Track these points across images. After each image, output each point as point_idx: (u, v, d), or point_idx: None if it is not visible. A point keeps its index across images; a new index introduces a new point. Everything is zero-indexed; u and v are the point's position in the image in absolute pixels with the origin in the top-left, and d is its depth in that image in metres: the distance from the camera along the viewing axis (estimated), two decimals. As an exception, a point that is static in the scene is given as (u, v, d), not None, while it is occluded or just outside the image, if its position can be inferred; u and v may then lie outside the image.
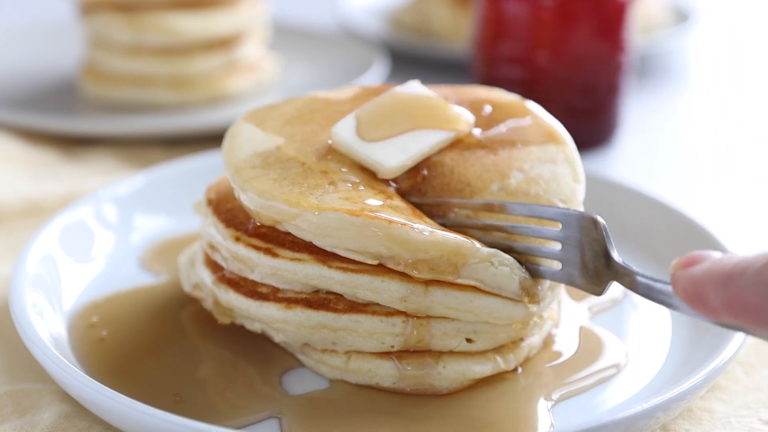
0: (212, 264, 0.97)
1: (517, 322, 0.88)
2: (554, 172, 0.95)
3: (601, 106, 1.49)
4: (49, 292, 1.00)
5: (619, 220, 1.17)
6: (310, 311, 0.89)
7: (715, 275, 0.68)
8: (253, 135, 0.97)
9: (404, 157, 0.91)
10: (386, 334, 0.88)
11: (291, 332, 0.90)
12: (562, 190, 0.93)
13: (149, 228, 1.17)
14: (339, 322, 0.89)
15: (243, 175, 0.91)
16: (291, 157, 0.93)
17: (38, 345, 0.87)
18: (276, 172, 0.91)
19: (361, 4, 2.15)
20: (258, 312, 0.91)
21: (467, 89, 1.07)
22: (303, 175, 0.90)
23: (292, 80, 1.75)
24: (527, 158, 0.95)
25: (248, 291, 0.92)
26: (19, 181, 1.35)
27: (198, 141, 1.53)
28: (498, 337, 0.89)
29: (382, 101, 0.97)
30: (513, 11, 1.44)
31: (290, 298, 0.90)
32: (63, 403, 0.89)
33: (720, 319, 0.70)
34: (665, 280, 0.78)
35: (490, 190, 0.92)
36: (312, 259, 0.88)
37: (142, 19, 1.58)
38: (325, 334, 0.89)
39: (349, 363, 0.90)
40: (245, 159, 0.93)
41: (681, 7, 2.09)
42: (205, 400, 0.88)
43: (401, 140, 0.93)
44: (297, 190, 0.87)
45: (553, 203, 0.92)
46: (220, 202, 0.98)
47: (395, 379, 0.89)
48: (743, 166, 1.53)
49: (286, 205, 0.86)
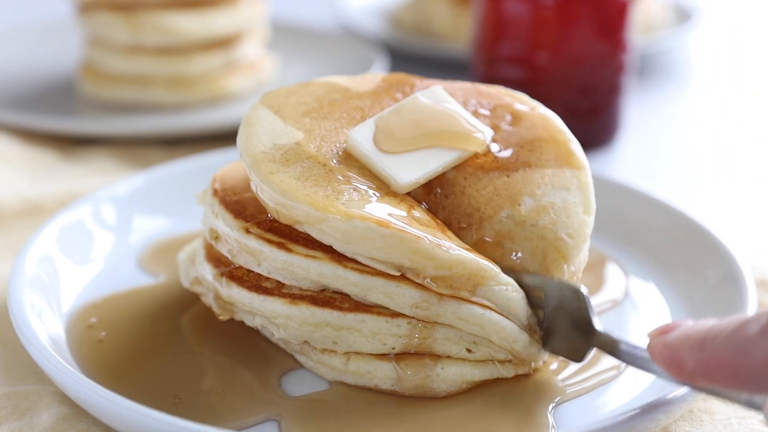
0: (214, 259, 0.97)
1: (517, 354, 0.89)
2: (566, 201, 0.93)
3: (602, 106, 1.48)
4: (48, 293, 1.00)
5: (620, 220, 1.17)
6: (315, 308, 0.89)
7: (690, 340, 0.71)
8: (272, 124, 0.95)
9: (418, 174, 0.91)
10: (389, 336, 0.88)
11: (293, 328, 0.90)
12: (571, 223, 0.92)
13: (148, 228, 1.17)
14: (343, 321, 0.88)
15: (262, 169, 0.90)
16: (311, 156, 0.91)
17: (36, 346, 0.87)
18: (297, 170, 0.89)
19: (361, 4, 2.15)
20: (261, 306, 0.91)
21: (490, 91, 1.04)
22: (326, 177, 0.89)
23: (292, 80, 1.75)
24: (540, 182, 0.94)
25: (252, 285, 0.92)
26: (18, 181, 1.35)
27: (197, 141, 1.52)
28: (496, 354, 0.90)
29: (402, 110, 0.95)
30: (513, 11, 1.43)
31: (295, 294, 0.90)
32: (61, 404, 0.89)
33: (696, 383, 0.72)
34: (644, 348, 0.80)
35: (498, 217, 0.91)
36: (327, 257, 0.88)
37: (140, 19, 1.58)
38: (328, 333, 0.89)
39: (348, 364, 0.89)
40: (264, 151, 0.92)
41: (681, 7, 2.08)
42: (204, 403, 0.87)
43: (417, 156, 0.92)
44: (322, 193, 0.86)
45: (560, 237, 0.91)
46: (227, 193, 0.97)
47: (393, 381, 0.89)
48: (743, 166, 1.53)
49: (312, 208, 0.85)
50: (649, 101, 1.76)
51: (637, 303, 1.05)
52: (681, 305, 1.03)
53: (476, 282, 0.86)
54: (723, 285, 1.00)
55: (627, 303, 1.05)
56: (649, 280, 1.09)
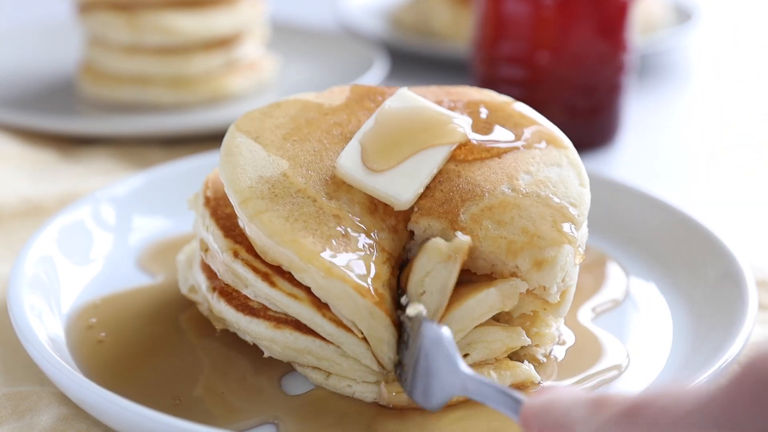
0: (208, 269, 0.97)
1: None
2: (561, 175, 0.94)
3: (602, 106, 1.48)
4: (48, 293, 0.99)
5: (620, 219, 1.17)
6: (299, 334, 0.88)
7: (551, 420, 0.67)
8: (254, 154, 0.94)
9: (416, 186, 0.90)
10: (369, 373, 0.87)
11: (277, 352, 0.89)
12: (571, 193, 0.92)
13: (148, 229, 1.17)
14: (324, 351, 0.88)
15: (250, 207, 0.88)
16: (300, 189, 0.90)
17: (36, 347, 0.87)
18: (286, 208, 0.88)
19: (361, 4, 2.15)
20: (247, 327, 0.90)
21: (458, 90, 1.06)
22: (316, 218, 0.87)
23: (292, 80, 1.75)
24: (532, 161, 0.95)
25: (239, 304, 0.91)
26: (18, 181, 1.35)
27: (197, 141, 1.52)
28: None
29: (380, 123, 0.95)
30: (513, 11, 1.43)
31: (280, 317, 0.89)
32: (61, 405, 0.89)
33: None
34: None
35: (500, 189, 0.91)
36: (308, 300, 0.87)
37: (140, 19, 1.58)
38: (309, 359, 0.89)
39: (329, 379, 0.89)
40: (251, 186, 0.90)
41: (682, 7, 2.08)
42: (204, 403, 0.87)
43: (408, 166, 0.91)
44: (310, 239, 0.85)
45: (564, 205, 0.91)
46: (219, 205, 0.97)
47: (376, 396, 0.88)
48: (743, 166, 1.53)
49: (297, 257, 0.84)
50: (649, 101, 1.76)
51: (638, 303, 1.05)
52: (681, 305, 1.03)
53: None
54: (723, 284, 1.00)
55: (628, 303, 1.05)
56: (650, 280, 1.09)
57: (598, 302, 1.05)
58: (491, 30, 1.47)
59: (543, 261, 0.86)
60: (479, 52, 1.51)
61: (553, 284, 0.87)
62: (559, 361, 0.94)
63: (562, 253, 0.87)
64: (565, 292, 0.90)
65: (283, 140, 0.96)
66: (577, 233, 0.89)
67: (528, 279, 0.87)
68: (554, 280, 0.87)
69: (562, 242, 0.87)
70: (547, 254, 0.86)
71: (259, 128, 0.98)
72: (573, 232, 0.89)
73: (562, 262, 0.87)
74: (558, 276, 0.87)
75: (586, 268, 1.09)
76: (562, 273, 0.87)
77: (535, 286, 0.87)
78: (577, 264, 0.90)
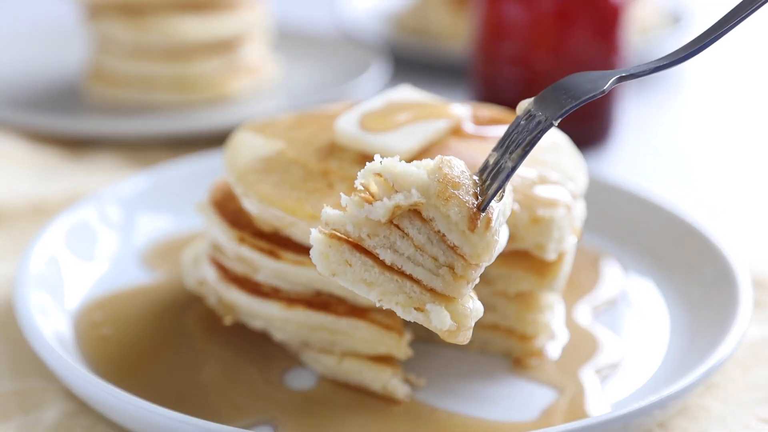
0: (217, 263, 0.98)
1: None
2: (556, 158, 0.97)
3: (598, 107, 1.49)
4: (53, 291, 1.00)
5: (617, 220, 1.17)
6: (311, 312, 0.90)
7: None
8: (254, 142, 0.98)
9: (411, 142, 0.92)
10: (382, 344, 0.89)
11: (291, 332, 0.91)
12: (569, 171, 0.96)
13: (152, 227, 1.18)
14: (338, 325, 0.89)
15: (245, 180, 0.91)
16: (292, 160, 0.93)
17: (42, 344, 0.88)
18: (277, 176, 0.91)
19: (363, 7, 2.16)
20: (260, 310, 0.92)
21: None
22: (302, 179, 0.90)
23: (294, 82, 1.76)
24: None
25: (251, 288, 0.93)
26: (24, 182, 1.36)
27: (201, 142, 1.53)
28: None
29: (381, 102, 0.99)
30: (511, 14, 1.44)
31: (291, 297, 0.91)
32: (67, 401, 0.90)
33: None
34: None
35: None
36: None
37: (146, 23, 1.59)
38: (324, 336, 0.90)
39: (342, 364, 0.90)
40: (247, 165, 0.94)
41: (677, 9, 2.09)
42: (208, 399, 0.88)
43: (405, 130, 0.94)
44: (295, 195, 0.88)
45: (561, 178, 0.94)
46: (225, 203, 0.98)
47: (385, 383, 0.89)
48: (740, 167, 1.54)
49: (283, 212, 0.87)
50: (645, 102, 1.77)
51: (634, 302, 1.06)
52: (678, 304, 1.03)
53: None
54: (719, 283, 1.01)
55: (624, 301, 1.06)
56: (646, 279, 1.09)
57: (594, 300, 1.05)
58: (490, 32, 1.48)
59: (540, 218, 0.89)
60: (479, 53, 1.52)
61: (549, 241, 0.89)
62: (555, 359, 0.95)
63: (558, 210, 0.90)
64: (561, 260, 0.92)
65: (284, 129, 1.00)
66: (574, 202, 0.92)
67: (525, 236, 0.89)
68: (551, 237, 0.89)
69: (559, 204, 0.90)
70: (545, 211, 0.89)
71: (263, 125, 1.01)
72: (570, 199, 0.92)
73: (559, 219, 0.89)
74: (554, 234, 0.89)
75: (582, 266, 1.10)
76: (558, 232, 0.90)
77: (532, 244, 0.89)
78: (575, 238, 0.93)
